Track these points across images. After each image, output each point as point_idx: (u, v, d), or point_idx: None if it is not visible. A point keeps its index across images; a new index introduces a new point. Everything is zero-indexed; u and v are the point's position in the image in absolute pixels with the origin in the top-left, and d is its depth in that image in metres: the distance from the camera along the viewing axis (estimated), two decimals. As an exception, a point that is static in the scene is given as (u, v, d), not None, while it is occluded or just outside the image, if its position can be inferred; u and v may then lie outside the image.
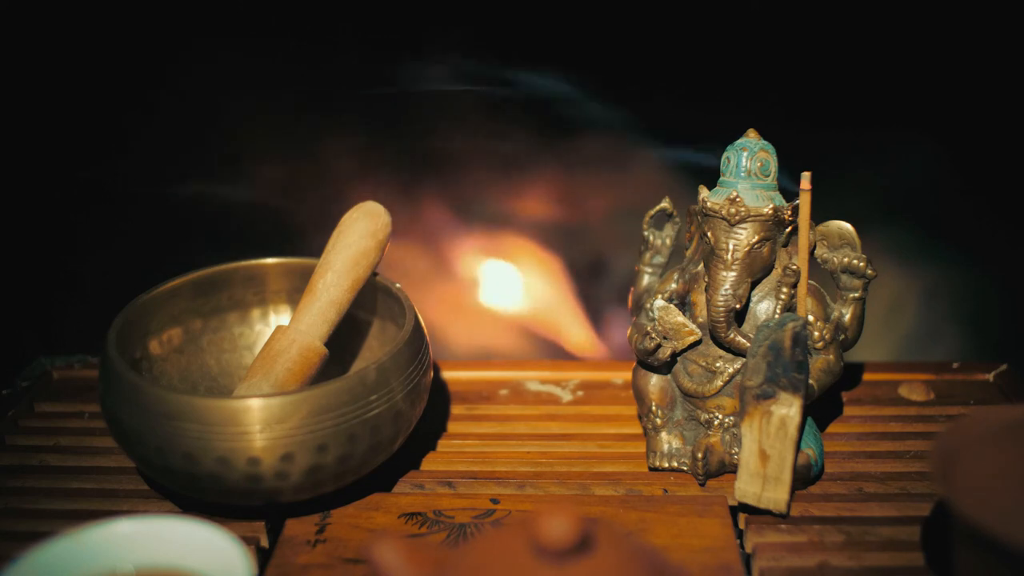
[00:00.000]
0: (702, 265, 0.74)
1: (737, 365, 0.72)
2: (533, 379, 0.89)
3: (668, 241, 0.81)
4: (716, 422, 0.74)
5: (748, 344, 0.71)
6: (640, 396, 0.77)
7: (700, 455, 0.72)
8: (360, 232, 0.76)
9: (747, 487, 0.69)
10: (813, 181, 0.70)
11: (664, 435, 0.75)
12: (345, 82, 1.01)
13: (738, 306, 0.71)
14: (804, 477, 0.71)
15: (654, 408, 0.75)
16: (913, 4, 0.95)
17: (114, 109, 1.01)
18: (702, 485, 0.73)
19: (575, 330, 1.10)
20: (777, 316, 0.72)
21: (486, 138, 1.04)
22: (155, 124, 1.01)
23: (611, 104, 1.00)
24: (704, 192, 0.73)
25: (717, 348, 0.73)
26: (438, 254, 1.09)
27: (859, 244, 0.73)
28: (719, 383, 0.73)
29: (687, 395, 0.74)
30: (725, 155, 0.73)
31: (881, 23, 0.96)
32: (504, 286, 1.11)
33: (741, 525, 0.70)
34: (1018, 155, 0.98)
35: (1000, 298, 1.04)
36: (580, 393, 0.87)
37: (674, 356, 0.74)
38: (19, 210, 1.02)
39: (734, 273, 0.71)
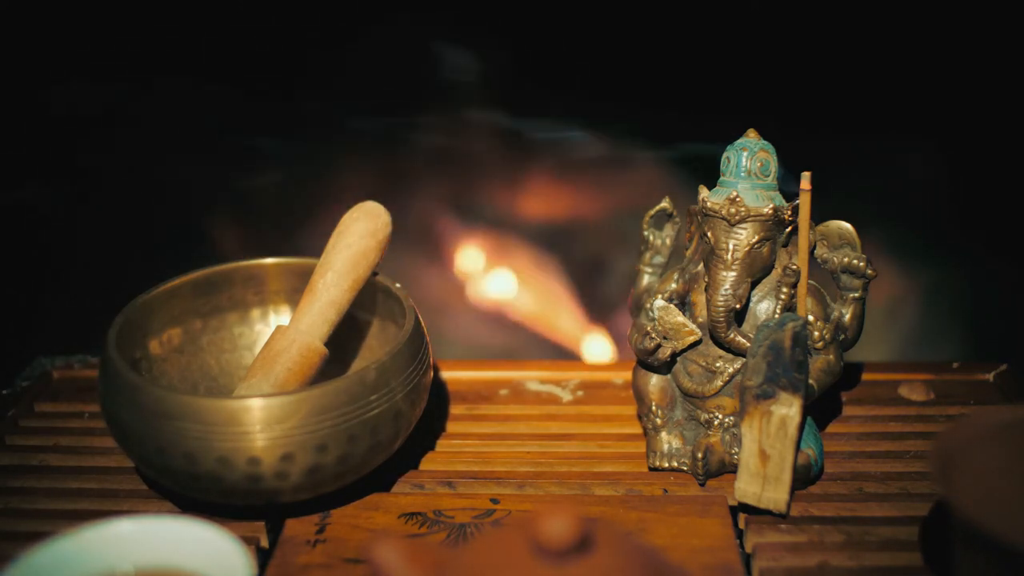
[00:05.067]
0: (702, 265, 0.74)
1: (737, 365, 0.72)
2: (533, 379, 0.88)
3: (668, 241, 0.81)
4: (716, 422, 0.73)
5: (748, 344, 0.71)
6: (640, 396, 0.77)
7: (700, 455, 0.72)
8: (360, 232, 0.75)
9: (747, 487, 0.68)
10: (813, 181, 0.70)
11: (664, 435, 0.75)
12: (345, 84, 1.02)
13: (738, 306, 0.71)
14: (804, 477, 0.71)
15: (654, 408, 0.75)
16: (913, 7, 0.95)
17: (113, 108, 1.01)
18: (702, 485, 0.73)
19: (575, 330, 1.10)
20: (777, 316, 0.72)
21: (488, 139, 1.04)
22: (155, 123, 1.01)
23: (612, 105, 1.01)
24: (704, 192, 0.73)
25: (717, 348, 0.73)
26: (438, 254, 1.09)
27: (859, 244, 0.73)
28: (719, 383, 0.73)
29: (687, 395, 0.74)
30: (725, 155, 0.73)
31: (882, 24, 0.96)
32: (504, 286, 1.11)
33: (741, 525, 0.70)
34: (1016, 156, 0.98)
35: (1000, 298, 1.04)
36: (580, 393, 0.87)
37: (674, 356, 0.74)
38: (18, 209, 1.02)
39: (734, 273, 0.70)
